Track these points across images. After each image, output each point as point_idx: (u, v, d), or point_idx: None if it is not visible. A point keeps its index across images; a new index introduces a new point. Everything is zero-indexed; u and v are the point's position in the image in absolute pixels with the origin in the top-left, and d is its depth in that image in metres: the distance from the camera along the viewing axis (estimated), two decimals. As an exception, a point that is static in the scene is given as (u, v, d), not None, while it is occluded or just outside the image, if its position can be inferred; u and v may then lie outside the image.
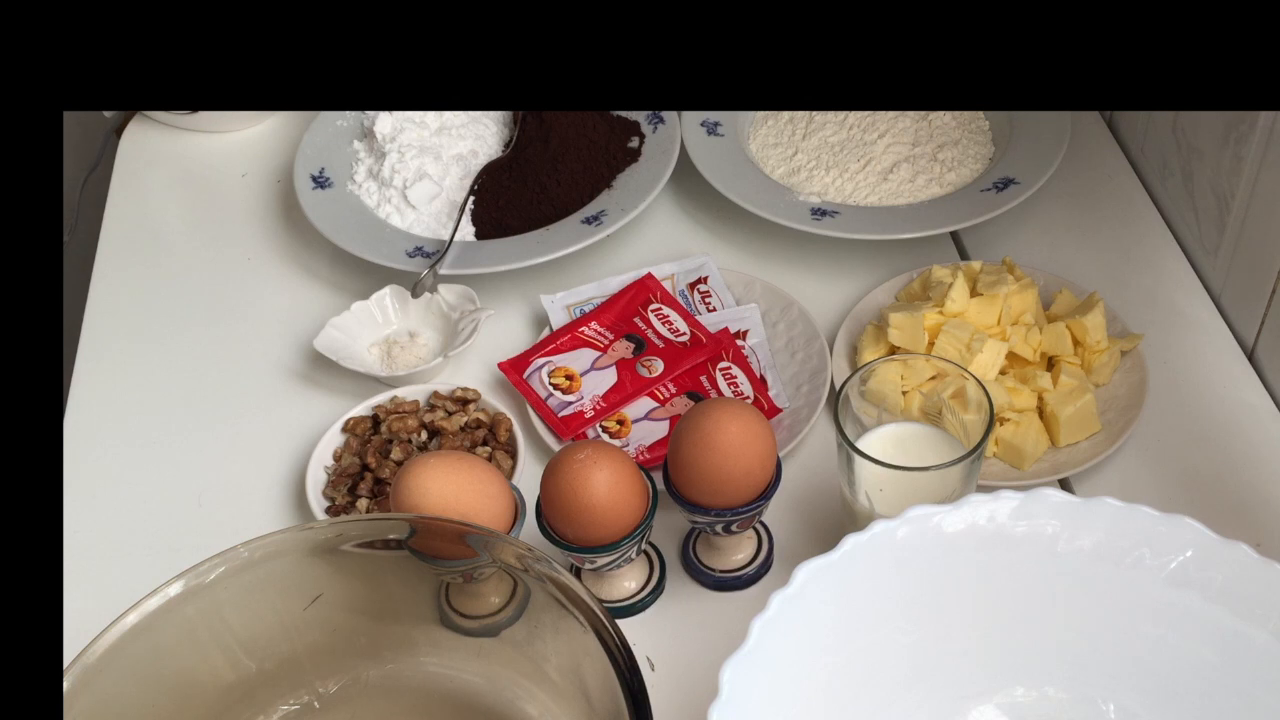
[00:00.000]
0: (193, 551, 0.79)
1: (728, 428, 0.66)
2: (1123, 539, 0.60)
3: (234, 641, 0.62)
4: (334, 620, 0.64)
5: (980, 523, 0.60)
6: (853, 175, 0.94)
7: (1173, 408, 0.81)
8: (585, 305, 0.89)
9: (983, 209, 0.89)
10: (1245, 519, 0.74)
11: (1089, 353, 0.80)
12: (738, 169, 0.95)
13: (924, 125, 0.98)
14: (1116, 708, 0.62)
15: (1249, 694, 0.58)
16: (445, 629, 0.65)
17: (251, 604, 0.62)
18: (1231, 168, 0.83)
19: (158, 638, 0.59)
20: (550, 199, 0.94)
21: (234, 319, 0.93)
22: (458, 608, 0.72)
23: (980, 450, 0.66)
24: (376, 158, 0.98)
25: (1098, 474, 0.77)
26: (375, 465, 0.78)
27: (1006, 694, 0.63)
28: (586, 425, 0.81)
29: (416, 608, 0.65)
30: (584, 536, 0.67)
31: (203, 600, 0.60)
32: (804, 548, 0.75)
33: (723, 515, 0.68)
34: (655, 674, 0.71)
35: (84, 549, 0.78)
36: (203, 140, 1.08)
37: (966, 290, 0.81)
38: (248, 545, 0.61)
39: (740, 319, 0.87)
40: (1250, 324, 0.83)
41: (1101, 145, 0.99)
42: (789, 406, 0.82)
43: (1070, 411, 0.77)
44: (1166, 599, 0.60)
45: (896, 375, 0.74)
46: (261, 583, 0.61)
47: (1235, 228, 0.83)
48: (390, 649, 0.65)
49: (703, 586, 0.75)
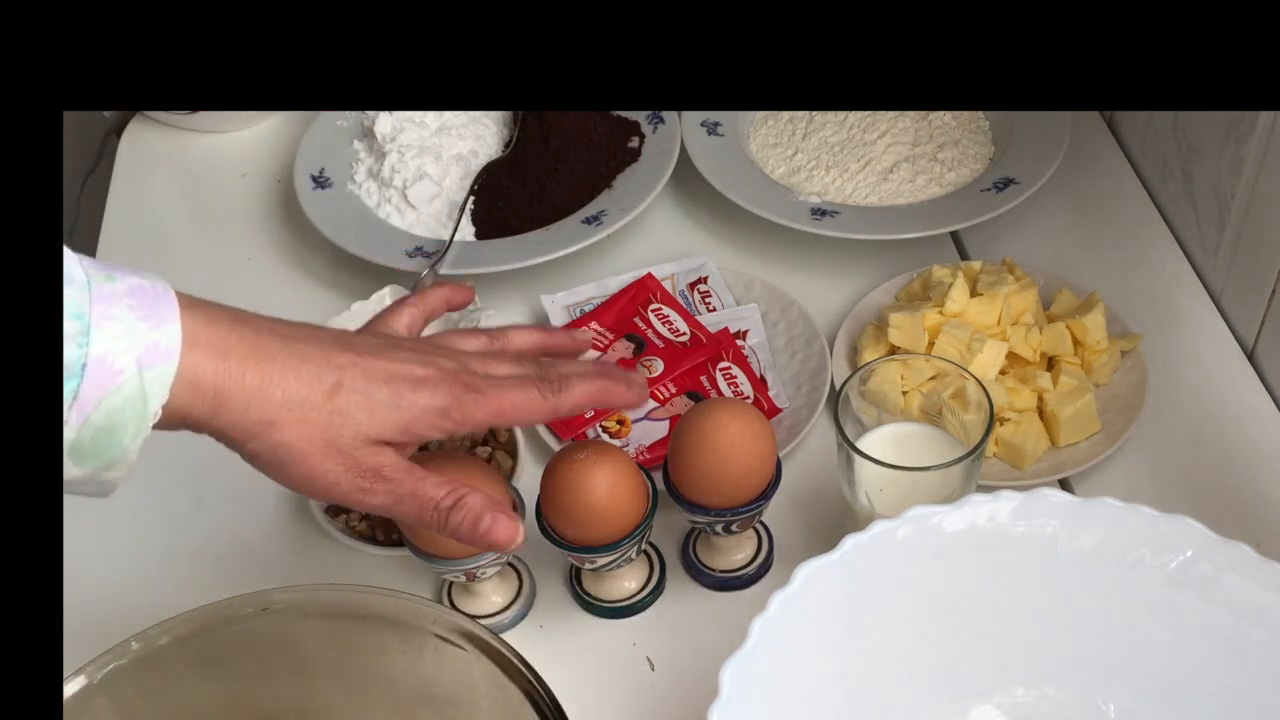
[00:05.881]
0: (193, 553, 0.79)
1: (728, 428, 0.66)
2: (1123, 539, 0.60)
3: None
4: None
5: (980, 523, 0.60)
6: (853, 175, 0.94)
7: (1173, 408, 0.81)
8: (585, 305, 0.89)
9: (983, 209, 0.89)
10: (1245, 519, 0.74)
11: (1089, 353, 0.80)
12: (738, 169, 0.95)
13: (924, 125, 0.98)
14: (1116, 708, 0.62)
15: (1249, 694, 0.58)
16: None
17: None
18: (1231, 168, 0.82)
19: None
20: (550, 199, 0.94)
21: (234, 319, 0.93)
22: (460, 608, 0.72)
23: (980, 450, 0.66)
24: (376, 158, 0.98)
25: (1098, 474, 0.77)
26: (375, 465, 0.78)
27: (1006, 694, 0.63)
28: (586, 425, 0.81)
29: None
30: (584, 536, 0.67)
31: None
32: (804, 548, 0.75)
33: (723, 515, 0.68)
34: (655, 674, 0.71)
35: (84, 551, 0.78)
36: (203, 140, 1.08)
37: (966, 290, 0.81)
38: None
39: (740, 319, 0.87)
40: (1250, 324, 0.83)
41: (1101, 145, 0.99)
42: (789, 406, 0.82)
43: (1070, 411, 0.77)
44: (1166, 599, 0.60)
45: (896, 375, 0.74)
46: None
47: (1235, 228, 0.83)
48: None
49: (703, 586, 0.75)
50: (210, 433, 0.54)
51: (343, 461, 0.55)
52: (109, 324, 0.49)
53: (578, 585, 0.74)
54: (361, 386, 0.55)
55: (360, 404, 0.55)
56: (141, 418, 0.50)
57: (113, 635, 0.59)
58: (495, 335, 0.64)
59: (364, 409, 0.55)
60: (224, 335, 0.53)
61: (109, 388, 0.49)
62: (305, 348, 0.55)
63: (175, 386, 0.51)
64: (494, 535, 0.57)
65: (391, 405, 0.56)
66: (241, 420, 0.53)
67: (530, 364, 0.61)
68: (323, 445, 0.55)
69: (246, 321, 0.55)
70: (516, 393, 0.58)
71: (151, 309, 0.50)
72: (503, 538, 0.57)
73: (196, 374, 0.52)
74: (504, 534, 0.57)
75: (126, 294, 0.50)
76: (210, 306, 0.54)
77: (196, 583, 0.74)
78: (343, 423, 0.55)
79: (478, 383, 0.58)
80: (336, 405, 0.55)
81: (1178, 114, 0.89)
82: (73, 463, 0.50)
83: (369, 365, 0.56)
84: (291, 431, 0.54)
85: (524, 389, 0.59)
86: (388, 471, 0.56)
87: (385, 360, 0.56)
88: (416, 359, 0.57)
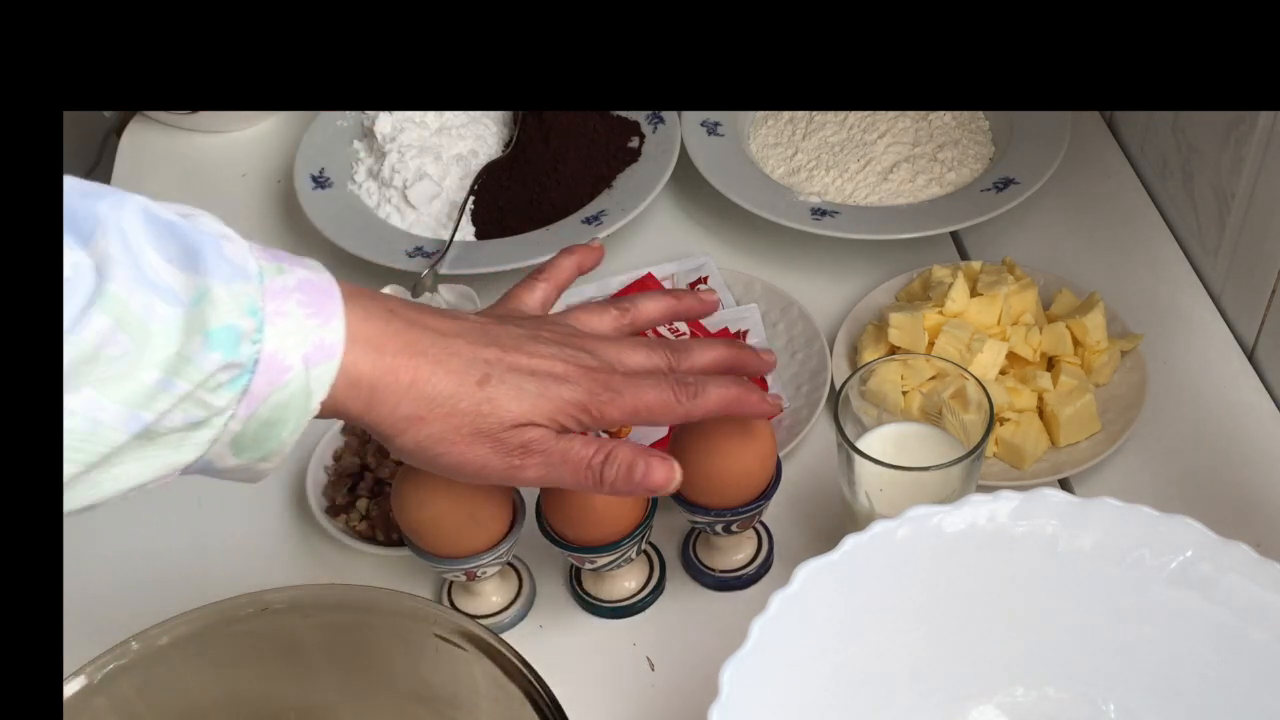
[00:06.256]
0: (193, 553, 0.79)
1: (728, 428, 0.66)
2: (1123, 539, 0.60)
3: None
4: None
5: (980, 523, 0.60)
6: (853, 175, 0.94)
7: (1173, 408, 0.81)
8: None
9: (983, 209, 0.89)
10: (1245, 519, 0.74)
11: (1089, 353, 0.80)
12: (738, 169, 0.95)
13: (924, 125, 0.98)
14: (1116, 708, 0.62)
15: (1249, 694, 0.58)
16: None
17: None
18: (1231, 168, 0.82)
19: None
20: (550, 199, 0.94)
21: (234, 319, 0.93)
22: (460, 608, 0.72)
23: (980, 450, 0.66)
24: (376, 158, 0.98)
25: (1098, 474, 0.77)
26: (375, 465, 0.78)
27: (1006, 694, 0.63)
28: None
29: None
30: (584, 536, 0.67)
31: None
32: (804, 548, 0.75)
33: (723, 515, 0.68)
34: (655, 674, 0.71)
35: (84, 551, 0.78)
36: (203, 140, 1.08)
37: (966, 290, 0.81)
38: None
39: (740, 319, 0.87)
40: (1250, 324, 0.83)
41: (1101, 145, 0.99)
42: (789, 406, 0.82)
43: (1070, 411, 0.77)
44: (1166, 599, 0.60)
45: (896, 375, 0.74)
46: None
47: (1235, 228, 0.83)
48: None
49: (703, 586, 0.75)
50: (363, 425, 0.55)
51: (490, 444, 0.56)
52: (281, 320, 0.50)
53: (578, 585, 0.74)
54: (510, 379, 0.57)
55: (509, 393, 0.56)
56: (303, 412, 0.51)
57: (113, 635, 0.59)
58: (625, 309, 0.65)
59: (513, 397, 0.56)
60: (379, 331, 0.54)
61: (277, 384, 0.50)
62: (453, 342, 0.56)
63: (335, 383, 0.52)
64: (651, 480, 0.58)
65: (538, 395, 0.57)
66: (392, 416, 0.55)
67: (662, 351, 0.62)
68: (469, 433, 0.56)
69: (399, 314, 0.56)
70: (651, 394, 0.59)
71: (320, 305, 0.51)
72: (660, 480, 0.59)
73: (356, 370, 0.53)
74: (661, 477, 0.59)
75: (296, 289, 0.51)
76: (367, 298, 0.55)
77: (196, 583, 0.74)
78: (490, 411, 0.56)
79: (615, 381, 0.59)
80: (485, 394, 0.56)
81: (1178, 114, 0.89)
82: (231, 454, 0.51)
83: (513, 361, 0.57)
84: (438, 424, 0.55)
85: (659, 390, 0.60)
86: (536, 445, 0.57)
87: (528, 356, 0.58)
88: (558, 353, 0.59)
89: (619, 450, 0.58)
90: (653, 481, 0.58)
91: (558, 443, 0.58)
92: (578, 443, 0.58)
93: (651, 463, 0.58)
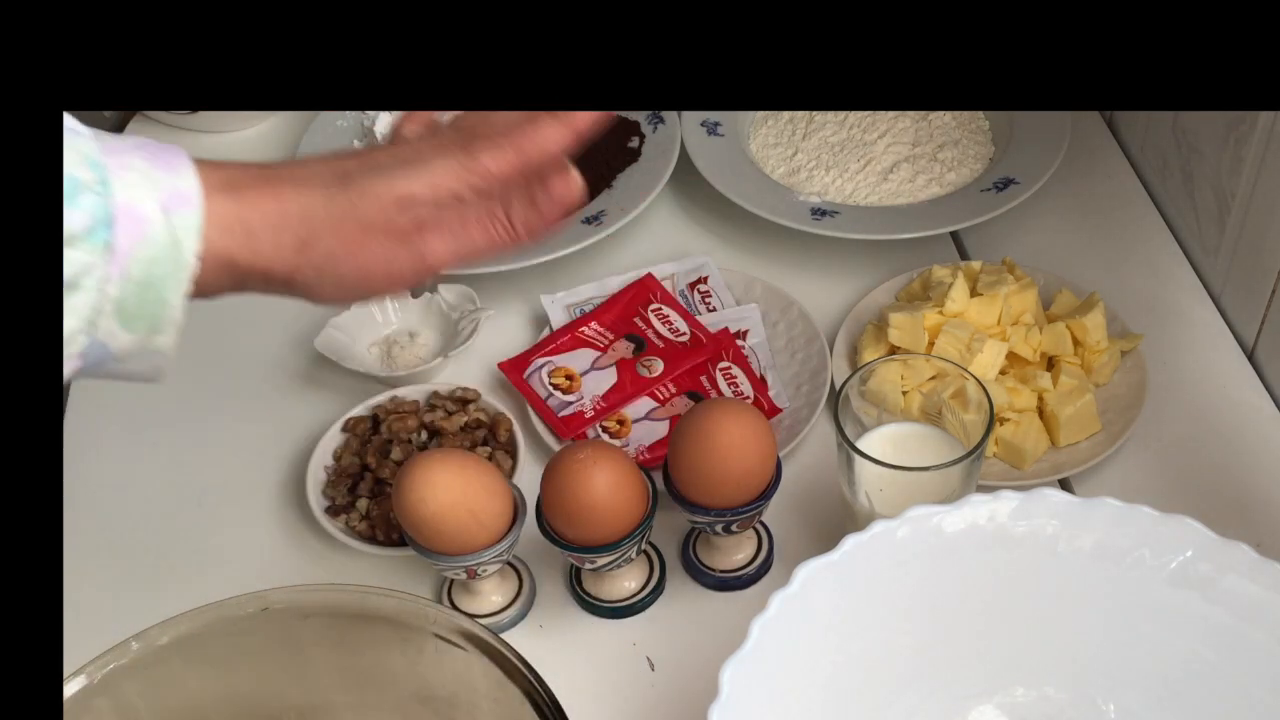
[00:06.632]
0: (193, 553, 0.79)
1: (728, 428, 0.66)
2: (1123, 539, 0.60)
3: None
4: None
5: (980, 523, 0.60)
6: (853, 175, 0.94)
7: (1173, 408, 0.81)
8: (585, 305, 0.89)
9: (983, 209, 0.89)
10: (1245, 519, 0.74)
11: (1089, 353, 0.80)
12: (738, 169, 0.95)
13: (924, 125, 0.98)
14: (1116, 708, 0.62)
15: (1249, 694, 0.58)
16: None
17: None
18: (1231, 168, 0.83)
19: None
20: (550, 199, 0.94)
21: (234, 319, 0.93)
22: (460, 607, 0.72)
23: (980, 450, 0.66)
24: (376, 158, 0.98)
25: (1098, 474, 0.77)
26: (375, 465, 0.78)
27: (1006, 694, 0.63)
28: (586, 425, 0.81)
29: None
30: (584, 536, 0.67)
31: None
32: (804, 548, 0.75)
33: (723, 515, 0.68)
34: (655, 674, 0.71)
35: (85, 550, 0.78)
36: (203, 140, 1.08)
37: (966, 290, 0.81)
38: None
39: (740, 319, 0.87)
40: (1250, 324, 0.83)
41: (1101, 145, 0.99)
42: (789, 406, 0.82)
43: (1070, 411, 0.77)
44: (1166, 599, 0.60)
45: (896, 375, 0.74)
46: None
47: (1235, 228, 0.83)
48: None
49: (703, 586, 0.75)
50: (258, 278, 0.53)
51: (383, 236, 0.54)
52: (126, 174, 0.49)
53: (578, 585, 0.74)
54: (373, 171, 0.55)
55: (378, 178, 0.54)
56: (179, 267, 0.50)
57: (113, 635, 0.59)
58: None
59: (383, 179, 0.54)
60: (233, 175, 0.53)
61: (139, 236, 0.48)
62: (308, 164, 0.55)
63: (206, 229, 0.50)
64: (554, 194, 0.57)
65: (409, 171, 0.55)
66: (280, 250, 0.53)
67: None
68: (357, 232, 0.54)
69: (249, 164, 0.55)
70: (530, 134, 0.58)
71: (166, 159, 0.50)
72: (562, 189, 0.57)
73: (223, 211, 0.51)
74: (561, 187, 0.57)
75: (137, 148, 0.50)
76: (211, 159, 0.53)
77: (196, 583, 0.74)
78: (362, 198, 0.54)
79: (478, 142, 0.57)
80: (356, 188, 0.54)
81: (1178, 114, 0.89)
82: (120, 326, 0.49)
83: (372, 159, 0.56)
84: (326, 239, 0.53)
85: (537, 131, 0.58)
86: (429, 216, 0.55)
87: (386, 154, 0.56)
88: (417, 145, 0.57)
89: (512, 194, 0.56)
90: (556, 194, 0.57)
91: (451, 208, 0.55)
92: (470, 199, 0.56)
93: (547, 181, 0.56)
